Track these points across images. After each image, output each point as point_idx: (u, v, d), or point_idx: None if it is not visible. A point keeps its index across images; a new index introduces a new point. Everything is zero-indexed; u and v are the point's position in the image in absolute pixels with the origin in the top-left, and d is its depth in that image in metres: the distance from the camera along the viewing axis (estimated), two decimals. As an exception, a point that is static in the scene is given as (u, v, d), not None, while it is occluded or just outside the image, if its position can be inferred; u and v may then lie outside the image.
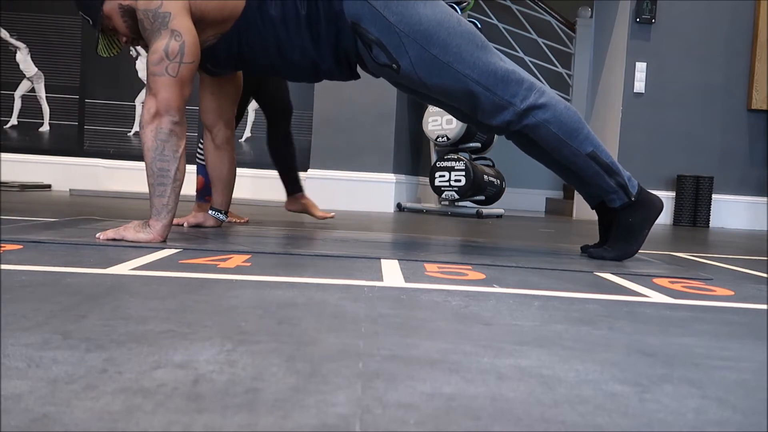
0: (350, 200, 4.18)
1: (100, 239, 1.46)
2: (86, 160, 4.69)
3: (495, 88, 1.55)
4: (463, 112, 1.68)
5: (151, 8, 1.51)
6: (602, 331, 0.81)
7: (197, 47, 1.54)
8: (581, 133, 1.58)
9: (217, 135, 1.91)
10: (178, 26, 1.50)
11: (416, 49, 1.53)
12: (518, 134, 1.65)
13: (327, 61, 1.64)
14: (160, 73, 1.49)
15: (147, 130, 1.48)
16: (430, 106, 4.23)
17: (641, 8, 4.28)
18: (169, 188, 1.48)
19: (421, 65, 1.55)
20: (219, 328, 0.72)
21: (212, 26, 1.61)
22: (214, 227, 1.96)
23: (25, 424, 0.43)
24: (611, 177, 1.59)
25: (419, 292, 1.03)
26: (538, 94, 1.57)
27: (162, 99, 1.48)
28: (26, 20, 4.66)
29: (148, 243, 1.45)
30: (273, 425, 0.45)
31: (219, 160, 1.93)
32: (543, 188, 6.73)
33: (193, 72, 1.54)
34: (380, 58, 1.57)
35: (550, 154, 1.64)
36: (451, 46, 1.54)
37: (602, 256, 1.62)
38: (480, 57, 1.55)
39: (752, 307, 1.07)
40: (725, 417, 0.52)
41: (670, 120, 4.35)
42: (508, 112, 1.57)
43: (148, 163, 1.48)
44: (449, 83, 1.56)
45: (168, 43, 1.49)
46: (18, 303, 0.80)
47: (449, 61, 1.54)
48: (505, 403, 0.52)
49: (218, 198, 1.96)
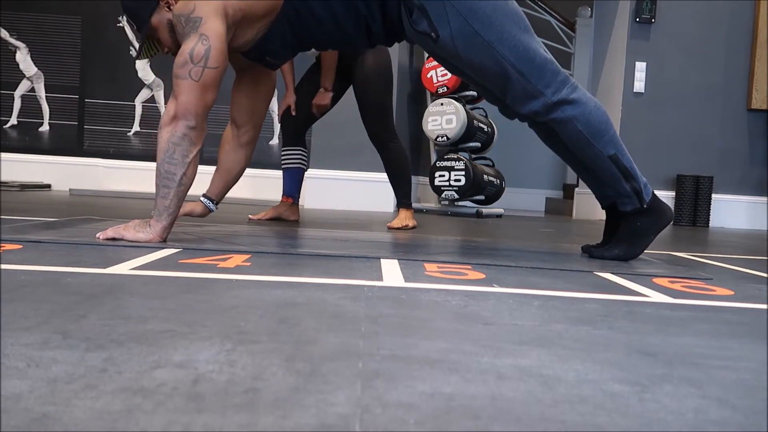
0: (350, 200, 4.18)
1: (99, 239, 1.46)
2: (86, 159, 4.69)
3: (530, 76, 1.52)
4: (493, 94, 1.65)
5: (185, 12, 1.51)
6: (602, 331, 0.81)
7: (224, 54, 1.52)
8: (607, 134, 1.56)
9: (244, 134, 1.92)
10: (207, 31, 1.50)
11: (459, 21, 1.50)
12: (543, 126, 1.63)
13: (377, 21, 1.61)
14: (183, 76, 1.48)
15: (163, 132, 1.48)
16: (430, 105, 4.23)
17: (641, 8, 4.28)
18: (172, 191, 1.47)
19: (461, 39, 1.52)
20: (219, 328, 0.72)
21: (258, 20, 1.61)
22: (202, 215, 1.98)
23: (25, 424, 0.43)
24: (628, 181, 1.58)
25: (419, 291, 1.03)
26: (571, 89, 1.55)
27: (181, 102, 1.47)
28: (26, 20, 4.66)
29: (147, 243, 1.45)
30: (273, 425, 0.45)
31: (236, 157, 1.94)
32: (543, 188, 6.73)
33: (217, 78, 1.52)
34: (420, 24, 1.54)
35: (572, 152, 1.62)
36: (494, 24, 1.50)
37: (603, 256, 1.62)
38: (521, 40, 1.52)
39: (752, 307, 1.07)
40: (725, 417, 0.52)
41: (670, 120, 4.35)
42: (538, 102, 1.55)
43: (158, 163, 1.48)
44: (486, 62, 1.53)
45: (194, 47, 1.48)
46: (18, 303, 0.80)
47: (490, 40, 1.51)
48: (504, 403, 0.52)
49: (216, 189, 1.96)
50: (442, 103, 4.13)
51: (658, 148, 4.35)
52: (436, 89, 4.40)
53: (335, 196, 4.18)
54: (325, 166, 4.16)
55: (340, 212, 3.66)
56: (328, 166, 4.17)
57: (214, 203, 1.96)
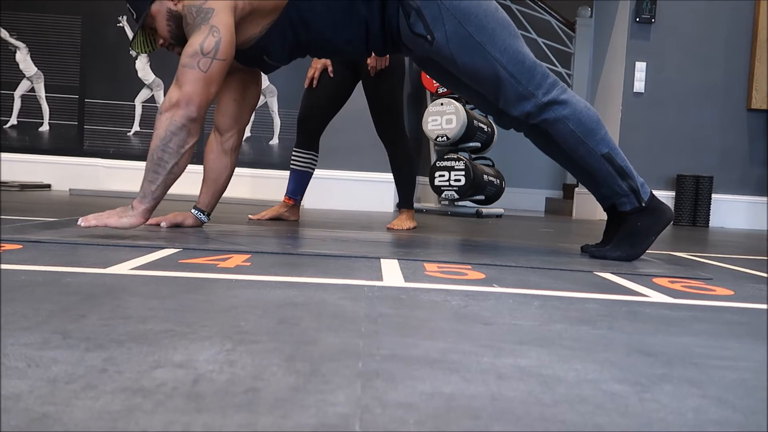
0: (350, 200, 4.18)
1: (81, 225, 1.47)
2: (86, 159, 4.69)
3: (521, 77, 1.58)
4: (485, 99, 1.69)
5: (196, 4, 1.54)
6: (602, 331, 0.81)
7: (232, 47, 1.55)
8: (598, 133, 1.60)
9: (228, 140, 1.91)
10: (218, 23, 1.52)
11: (453, 23, 1.56)
12: (536, 129, 1.67)
13: (376, 23, 1.63)
14: (191, 65, 1.50)
15: (162, 117, 1.49)
16: (430, 105, 4.23)
17: (641, 8, 4.28)
18: (161, 178, 1.50)
19: (455, 41, 1.57)
20: (219, 328, 0.72)
21: (264, 16, 1.62)
22: (193, 227, 1.87)
23: (25, 424, 0.43)
24: (624, 180, 1.61)
25: (419, 291, 1.03)
26: (561, 90, 1.60)
27: (186, 92, 1.50)
28: (26, 20, 4.66)
29: (131, 226, 1.50)
30: (273, 425, 0.45)
31: (222, 165, 1.91)
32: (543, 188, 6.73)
33: (223, 70, 1.54)
34: (417, 27, 1.59)
35: (566, 152, 1.66)
36: (486, 27, 1.56)
37: (604, 256, 1.62)
38: (511, 44, 1.58)
39: (752, 306, 1.07)
40: (725, 417, 0.52)
41: (670, 119, 4.35)
42: (530, 103, 1.59)
43: (152, 148, 1.50)
44: (478, 64, 1.59)
45: (205, 39, 1.51)
46: (18, 303, 0.80)
47: (482, 42, 1.56)
48: (504, 403, 0.52)
49: (205, 199, 1.92)
50: (442, 103, 4.13)
51: (658, 148, 4.35)
52: (436, 89, 4.40)
53: (335, 196, 4.18)
54: (325, 166, 4.16)
55: (340, 212, 3.66)
56: (328, 166, 4.17)
57: (205, 214, 1.91)
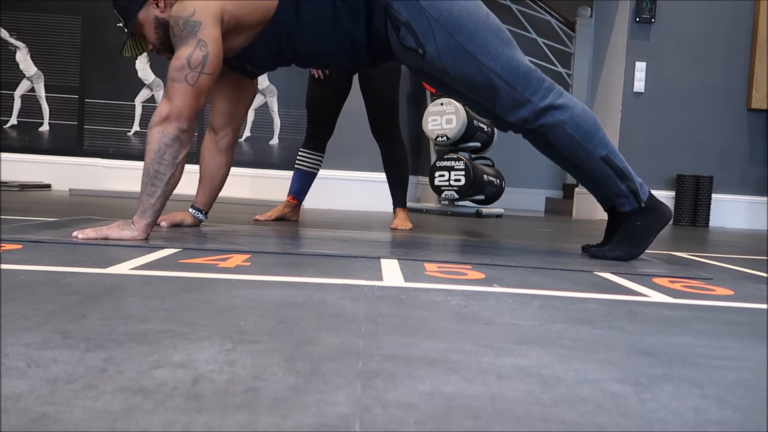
0: (350, 200, 4.17)
1: (78, 238, 1.43)
2: (86, 159, 4.69)
3: (516, 84, 1.57)
4: (483, 106, 1.70)
5: (183, 16, 1.53)
6: (602, 331, 0.81)
7: (219, 59, 1.56)
8: (596, 136, 1.60)
9: (222, 139, 1.93)
10: (205, 36, 1.53)
11: (444, 36, 1.55)
12: (534, 133, 1.67)
13: (361, 34, 1.63)
14: (180, 79, 1.51)
15: (154, 131, 1.50)
16: (430, 105, 4.23)
17: (641, 8, 4.28)
18: (159, 190, 1.51)
19: (447, 53, 1.57)
20: (219, 328, 0.72)
21: (249, 28, 1.63)
22: (192, 226, 1.92)
23: (25, 424, 0.43)
24: (623, 181, 1.61)
25: (419, 291, 1.03)
26: (557, 94, 1.60)
27: (175, 105, 1.51)
28: (26, 20, 4.66)
29: (133, 240, 1.47)
30: (273, 425, 0.45)
31: (217, 163, 1.94)
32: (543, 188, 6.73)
33: (211, 83, 1.56)
34: (407, 41, 1.59)
35: (565, 156, 1.66)
36: (477, 37, 1.56)
37: (604, 256, 1.63)
38: (504, 52, 1.57)
39: (752, 306, 1.07)
40: (725, 417, 0.52)
41: (670, 119, 4.35)
42: (526, 110, 1.59)
43: (146, 162, 1.51)
44: (472, 74, 1.58)
45: (192, 52, 1.52)
46: (18, 303, 0.80)
47: (474, 52, 1.56)
48: (504, 403, 0.52)
49: (202, 198, 1.95)
50: (441, 102, 4.13)
51: (657, 148, 4.35)
52: (435, 89, 4.40)
53: (335, 196, 4.18)
54: (326, 166, 4.14)
55: (340, 212, 3.66)
56: (328, 166, 4.16)
57: (203, 213, 1.95)
